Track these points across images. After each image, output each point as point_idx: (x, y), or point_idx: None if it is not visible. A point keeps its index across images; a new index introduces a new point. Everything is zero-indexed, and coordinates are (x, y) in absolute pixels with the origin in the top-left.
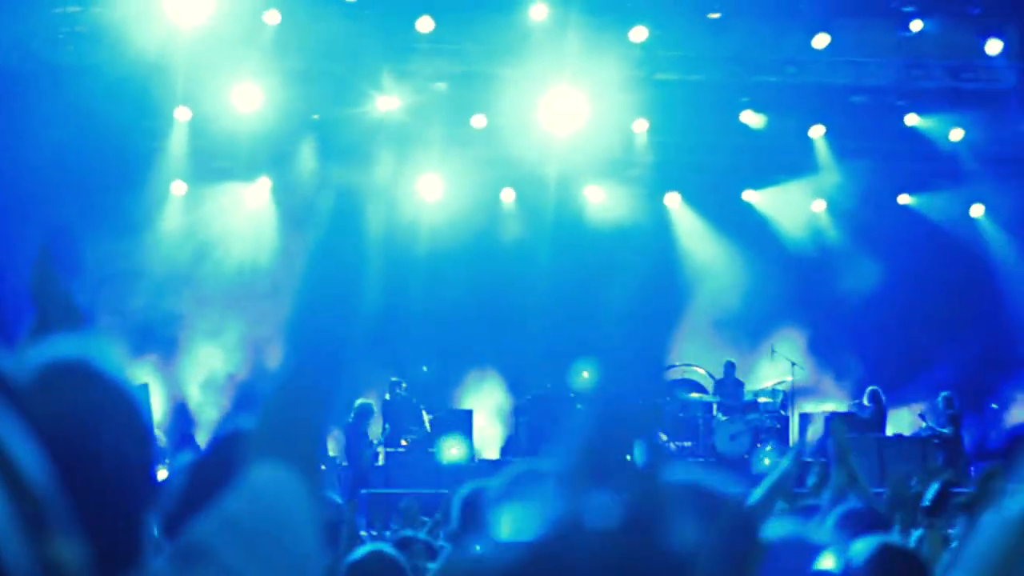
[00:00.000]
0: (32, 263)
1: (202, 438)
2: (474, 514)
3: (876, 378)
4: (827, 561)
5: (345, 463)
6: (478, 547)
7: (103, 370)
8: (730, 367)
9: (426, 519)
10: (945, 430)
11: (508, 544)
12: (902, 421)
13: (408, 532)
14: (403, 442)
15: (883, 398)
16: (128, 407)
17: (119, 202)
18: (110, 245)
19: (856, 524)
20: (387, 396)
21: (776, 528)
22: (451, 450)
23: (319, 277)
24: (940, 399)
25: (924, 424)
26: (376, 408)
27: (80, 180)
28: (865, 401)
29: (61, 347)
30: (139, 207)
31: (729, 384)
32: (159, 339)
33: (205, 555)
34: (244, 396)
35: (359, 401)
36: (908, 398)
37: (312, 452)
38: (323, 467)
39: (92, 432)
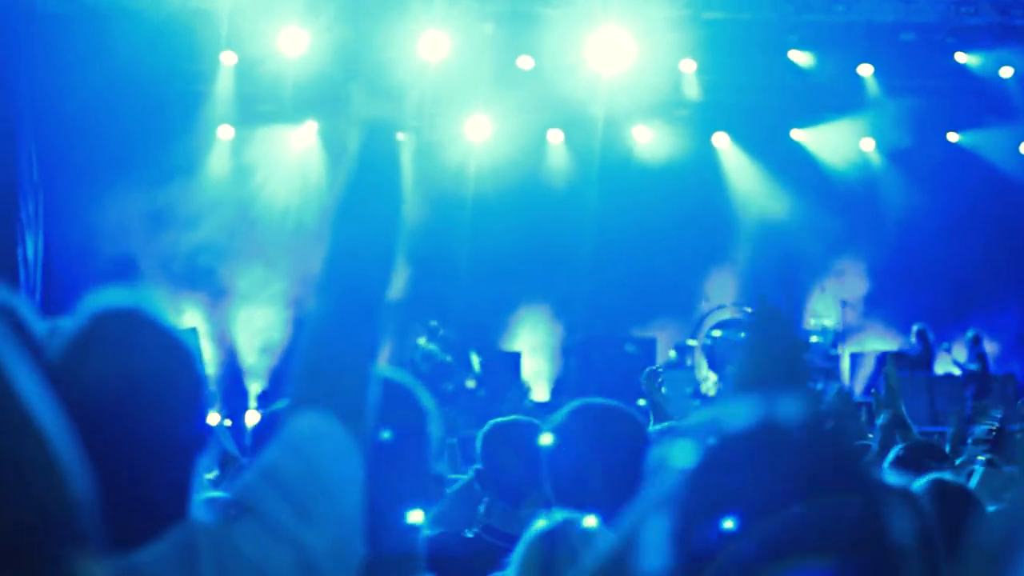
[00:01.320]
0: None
1: (252, 384)
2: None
3: (925, 316)
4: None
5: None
6: None
7: (154, 317)
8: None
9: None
10: (973, 366)
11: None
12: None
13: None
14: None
15: (930, 336)
16: (179, 352)
17: (164, 147)
18: (156, 190)
19: (915, 460)
20: (421, 340)
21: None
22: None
23: (353, 218)
24: (968, 336)
25: (951, 359)
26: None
27: (125, 125)
28: (912, 339)
29: (112, 297)
30: (185, 151)
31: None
32: (207, 284)
33: (247, 510)
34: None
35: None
36: (958, 337)
37: (357, 399)
38: (366, 418)
39: (145, 378)
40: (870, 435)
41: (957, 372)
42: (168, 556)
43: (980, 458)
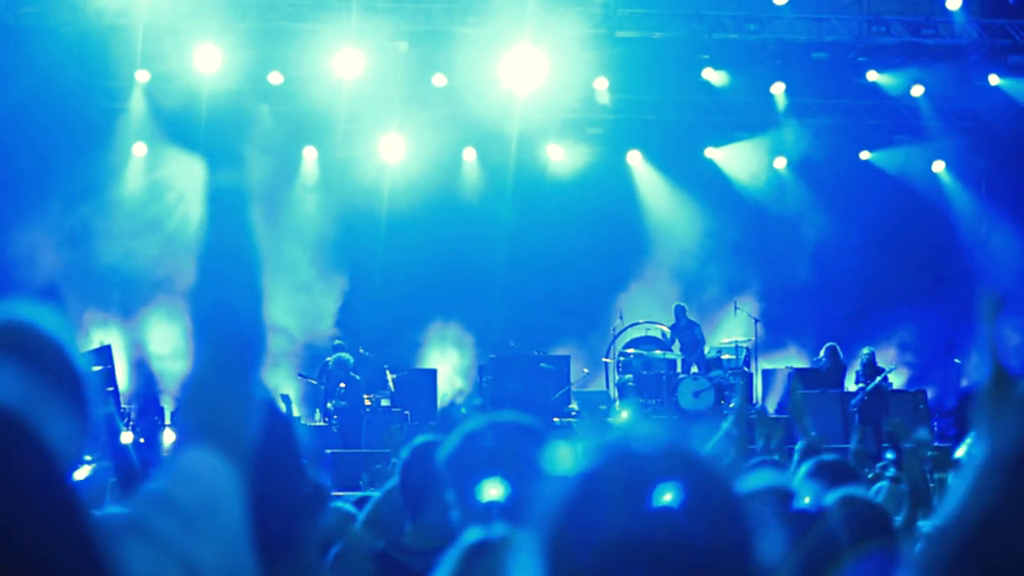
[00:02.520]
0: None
1: (167, 402)
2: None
3: (837, 334)
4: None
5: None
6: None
7: (44, 331)
8: (680, 310)
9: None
10: (862, 384)
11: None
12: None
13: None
14: (367, 401)
15: (841, 354)
16: (67, 367)
17: (80, 163)
18: (71, 207)
19: (825, 476)
20: (328, 359)
21: (754, 479)
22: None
23: (214, 274)
24: (863, 354)
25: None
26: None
27: (40, 141)
28: (822, 356)
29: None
30: (100, 168)
31: (684, 327)
32: (122, 302)
33: (140, 529)
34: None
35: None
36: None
37: (237, 436)
38: (246, 449)
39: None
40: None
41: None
42: None
43: (888, 474)
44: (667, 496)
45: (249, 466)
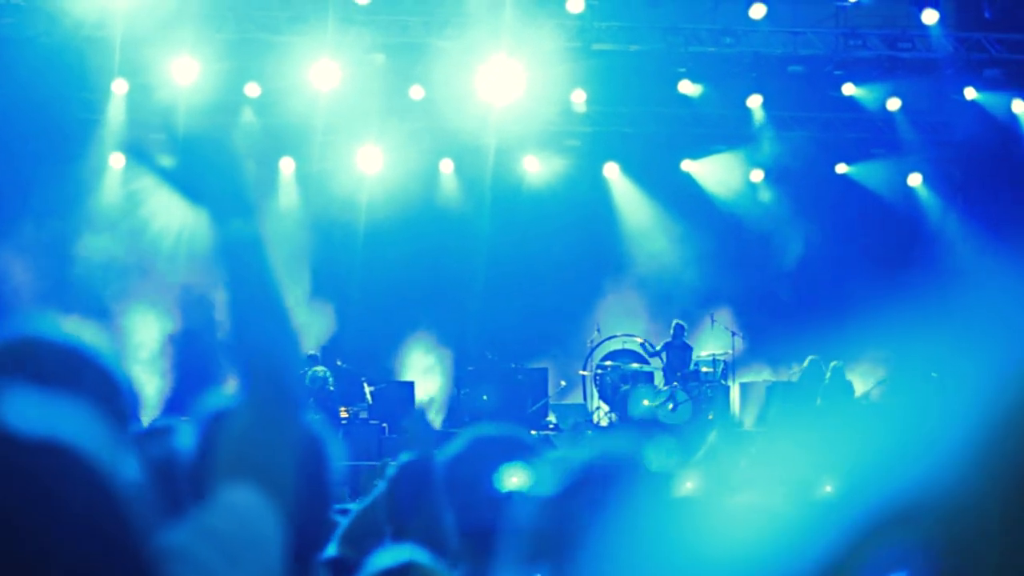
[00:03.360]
0: None
1: (144, 415)
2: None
3: (814, 347)
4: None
5: None
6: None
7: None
8: (680, 329)
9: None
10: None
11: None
12: None
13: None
14: (343, 414)
15: (821, 367)
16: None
17: (56, 174)
18: (47, 218)
19: None
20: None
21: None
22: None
23: (245, 316)
24: (831, 367)
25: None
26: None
27: (15, 152)
28: (802, 370)
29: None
30: (76, 179)
31: (677, 347)
32: (98, 310)
33: (182, 557)
34: (182, 357)
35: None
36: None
37: (281, 476)
38: (287, 488)
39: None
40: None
41: None
42: None
43: None
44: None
45: (290, 504)
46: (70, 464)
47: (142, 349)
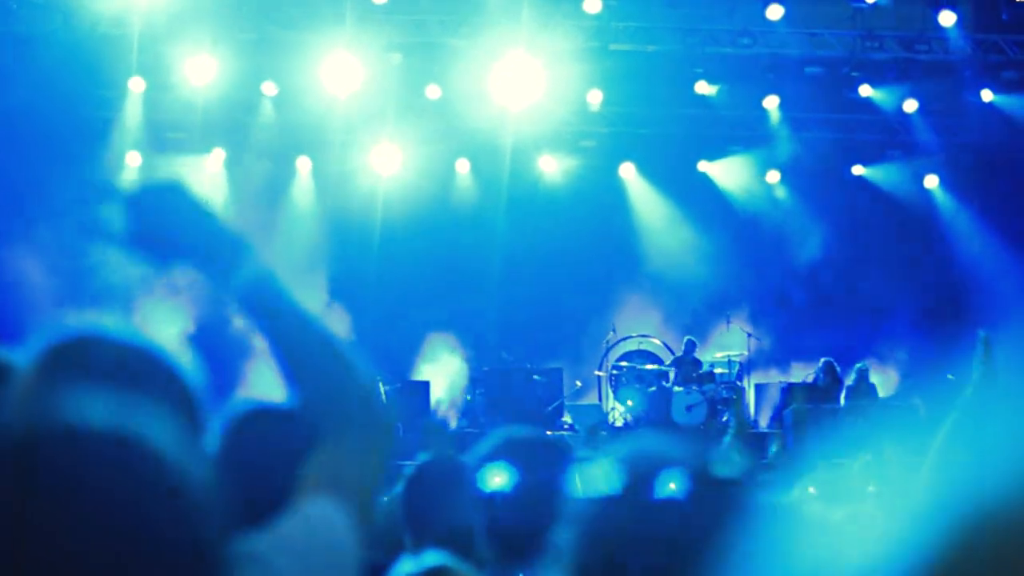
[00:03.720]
0: None
1: None
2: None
3: (830, 349)
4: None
5: None
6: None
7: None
8: (691, 345)
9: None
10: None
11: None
12: None
13: None
14: None
15: (838, 369)
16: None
17: (72, 172)
18: (63, 217)
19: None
20: None
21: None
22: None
23: (303, 361)
24: (856, 368)
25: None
26: None
27: (32, 149)
28: (820, 372)
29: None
30: (93, 177)
31: (688, 362)
32: (115, 310)
33: (256, 562)
34: (200, 355)
35: None
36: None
37: (368, 495)
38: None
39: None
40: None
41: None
42: None
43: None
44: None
45: (371, 522)
46: (140, 459)
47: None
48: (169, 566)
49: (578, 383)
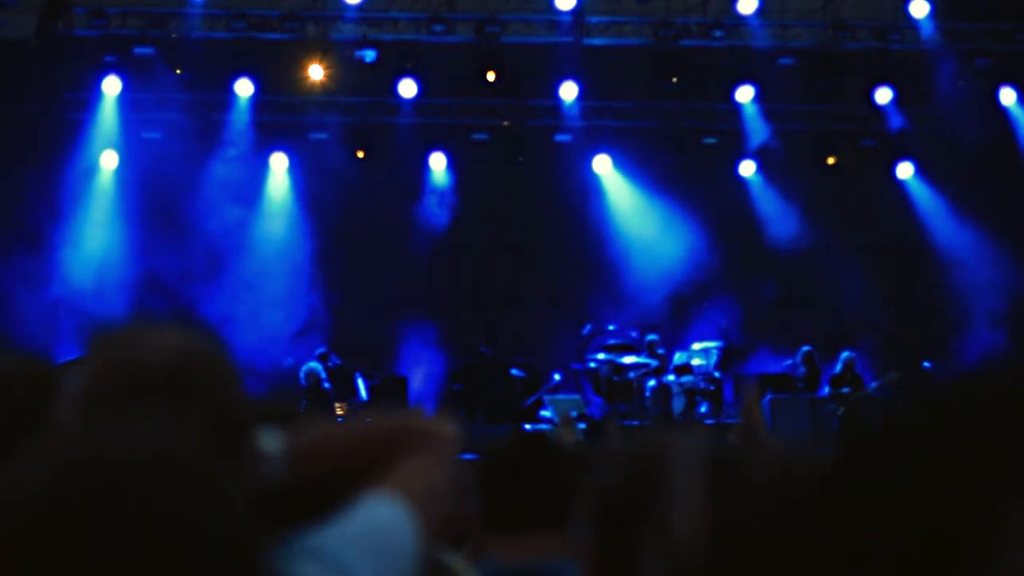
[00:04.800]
0: None
1: None
2: None
3: (808, 338)
4: None
5: None
6: None
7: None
8: (652, 344)
9: None
10: (845, 389)
11: None
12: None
13: None
14: (340, 410)
15: (816, 359)
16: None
17: (46, 175)
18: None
19: None
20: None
21: None
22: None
23: None
24: (842, 358)
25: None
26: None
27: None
28: (799, 362)
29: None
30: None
31: (661, 355)
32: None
33: (319, 553)
34: None
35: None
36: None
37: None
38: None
39: None
40: None
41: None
42: None
43: None
44: None
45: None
46: (179, 484)
47: None
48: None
49: (556, 376)
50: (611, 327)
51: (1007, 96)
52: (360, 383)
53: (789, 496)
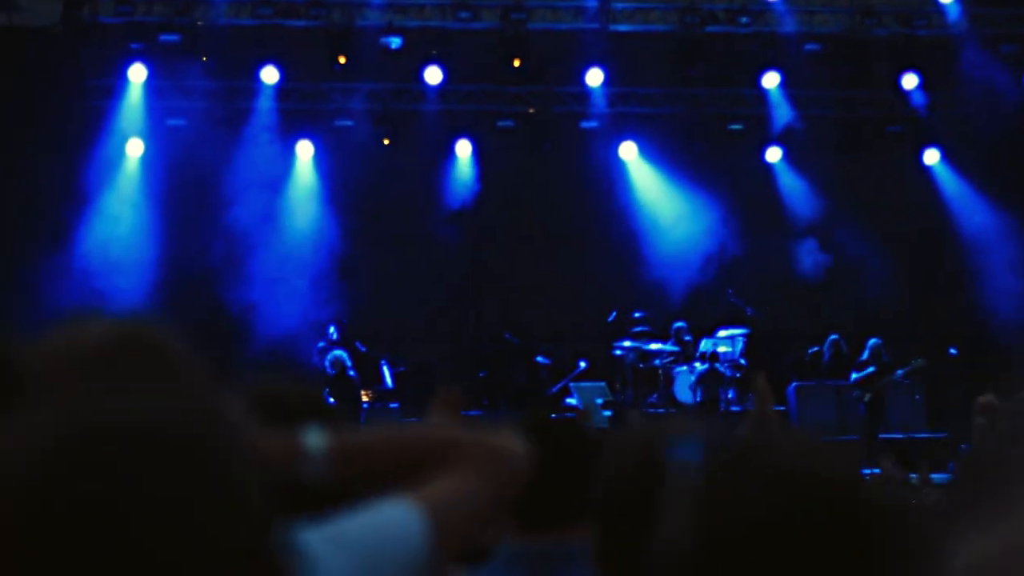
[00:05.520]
0: None
1: None
2: None
3: (835, 325)
4: None
5: None
6: None
7: None
8: (680, 331)
9: None
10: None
11: None
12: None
13: None
14: (365, 397)
15: (844, 346)
16: None
17: (70, 163)
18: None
19: None
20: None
21: None
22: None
23: None
24: (870, 345)
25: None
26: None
27: (27, 141)
28: (826, 349)
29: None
30: (92, 168)
31: (687, 343)
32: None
33: (307, 560)
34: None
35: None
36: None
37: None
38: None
39: None
40: None
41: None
42: None
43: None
44: None
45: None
46: (173, 452)
47: None
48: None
49: (582, 363)
50: (637, 314)
51: None
52: (385, 370)
53: (777, 492)
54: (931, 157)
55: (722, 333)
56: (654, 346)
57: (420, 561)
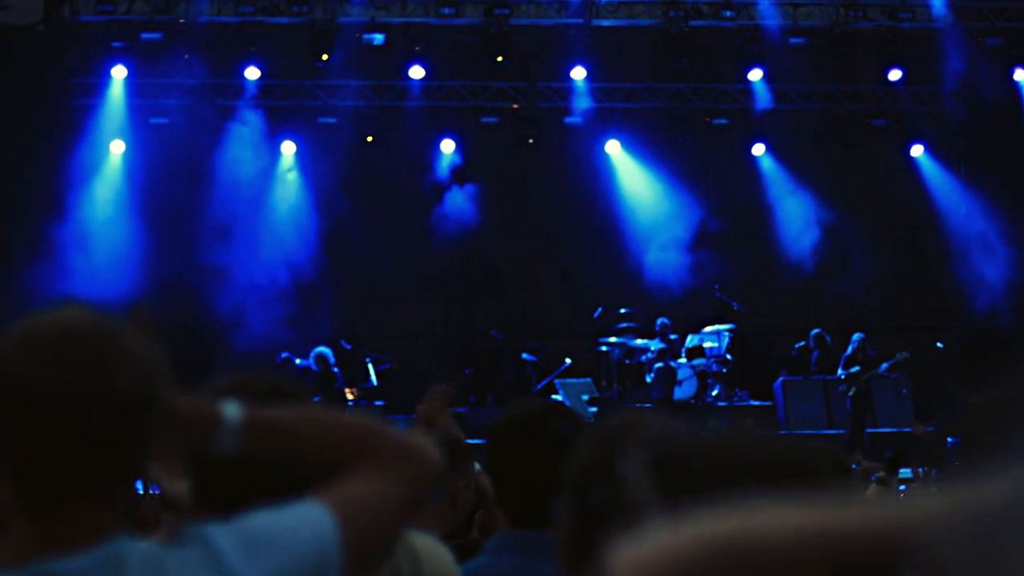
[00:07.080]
0: None
1: None
2: None
3: (821, 320)
4: None
5: None
6: None
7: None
8: (662, 327)
9: None
10: (855, 369)
11: None
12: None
13: None
14: (350, 395)
15: (828, 340)
16: None
17: (55, 163)
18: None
19: None
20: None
21: None
22: None
23: None
24: (854, 339)
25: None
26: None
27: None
28: (810, 343)
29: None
30: (75, 168)
31: (672, 339)
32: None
33: (206, 541)
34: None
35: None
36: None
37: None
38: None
39: None
40: None
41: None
42: (91, 571)
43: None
44: None
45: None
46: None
47: None
48: None
49: (567, 360)
50: (622, 310)
51: (1020, 75)
52: (370, 367)
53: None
54: (917, 151)
55: (708, 328)
56: (639, 342)
57: (331, 561)
